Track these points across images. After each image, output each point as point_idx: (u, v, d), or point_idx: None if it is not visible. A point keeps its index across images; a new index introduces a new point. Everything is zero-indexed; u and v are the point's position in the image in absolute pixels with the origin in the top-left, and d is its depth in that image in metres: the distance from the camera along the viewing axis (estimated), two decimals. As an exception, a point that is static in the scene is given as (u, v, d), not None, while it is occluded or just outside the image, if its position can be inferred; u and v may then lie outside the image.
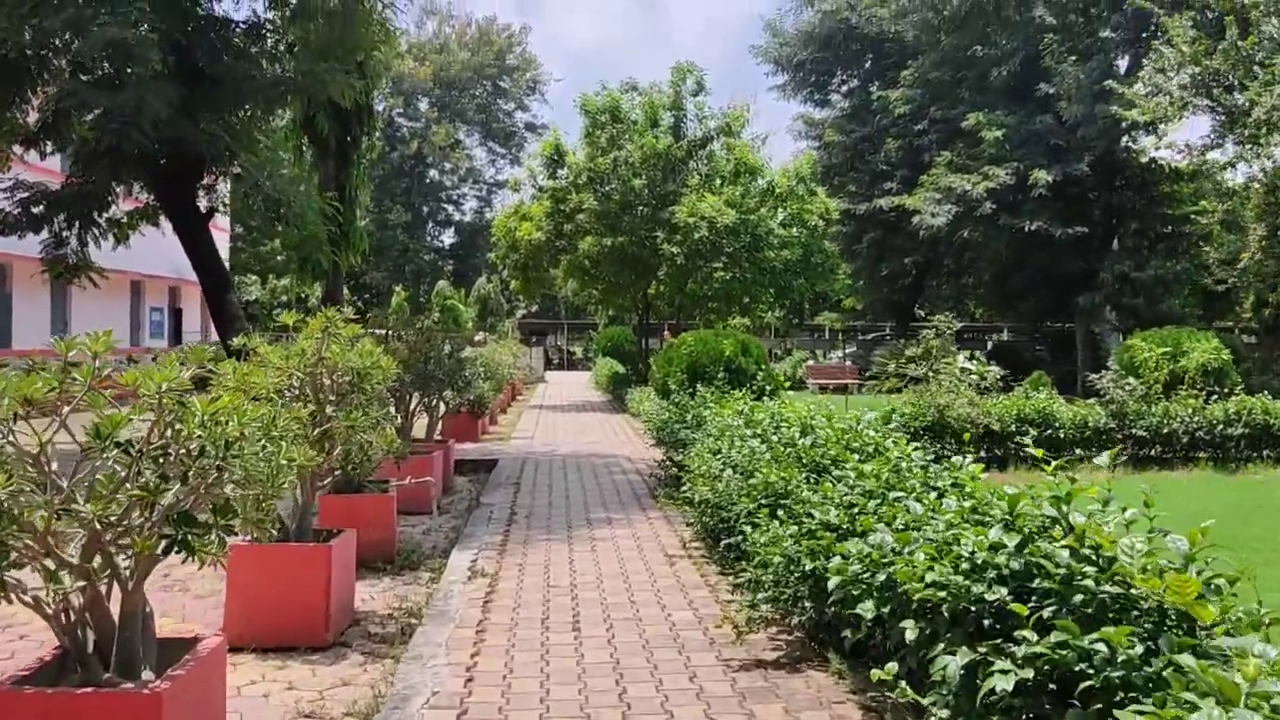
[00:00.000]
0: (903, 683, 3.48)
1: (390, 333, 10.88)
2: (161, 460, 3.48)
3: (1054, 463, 3.86)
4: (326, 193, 18.63)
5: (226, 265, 37.79)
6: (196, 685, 3.75)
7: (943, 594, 3.58)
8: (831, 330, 50.44)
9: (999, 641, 3.20)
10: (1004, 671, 3.02)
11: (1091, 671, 2.87)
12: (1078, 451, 14.90)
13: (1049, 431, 14.79)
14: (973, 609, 3.50)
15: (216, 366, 4.61)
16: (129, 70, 13.25)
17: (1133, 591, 3.18)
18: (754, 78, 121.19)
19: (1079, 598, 3.21)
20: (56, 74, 14.40)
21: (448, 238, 74.58)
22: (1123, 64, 32.42)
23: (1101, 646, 2.88)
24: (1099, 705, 2.84)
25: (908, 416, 14.52)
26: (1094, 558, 3.36)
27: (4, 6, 12.65)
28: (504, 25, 72.02)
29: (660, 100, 26.03)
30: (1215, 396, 15.76)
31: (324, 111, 19.02)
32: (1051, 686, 3.04)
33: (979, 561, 3.62)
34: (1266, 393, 16.11)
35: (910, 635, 3.73)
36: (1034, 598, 3.34)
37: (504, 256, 28.47)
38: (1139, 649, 2.86)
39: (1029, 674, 2.99)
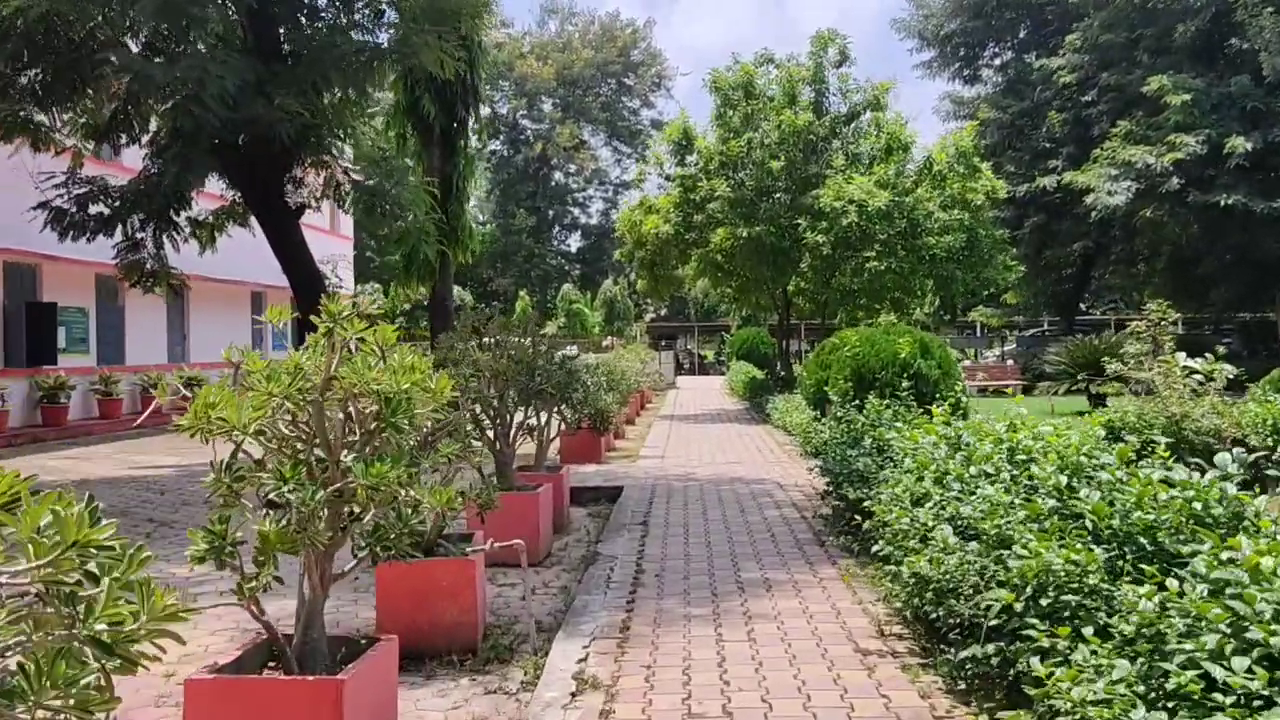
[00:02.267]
0: None
1: (471, 341, 8.63)
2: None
3: None
4: (428, 180, 16.69)
5: (350, 273, 36.78)
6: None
7: None
8: (986, 327, 46.59)
9: None
10: None
11: None
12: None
13: (1316, 446, 11.61)
14: None
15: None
16: (190, 39, 11.44)
17: None
18: (894, 63, 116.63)
19: None
20: (125, 59, 12.74)
21: (574, 241, 73.14)
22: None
23: None
24: None
25: (1130, 427, 11.59)
26: None
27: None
28: (627, 20, 70.14)
29: (799, 73, 23.30)
30: None
31: (428, 93, 17.07)
32: None
33: None
34: None
35: None
36: None
37: (629, 254, 26.16)
38: None
39: None
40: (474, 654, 5.95)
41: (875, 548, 6.42)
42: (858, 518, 7.56)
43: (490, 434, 8.85)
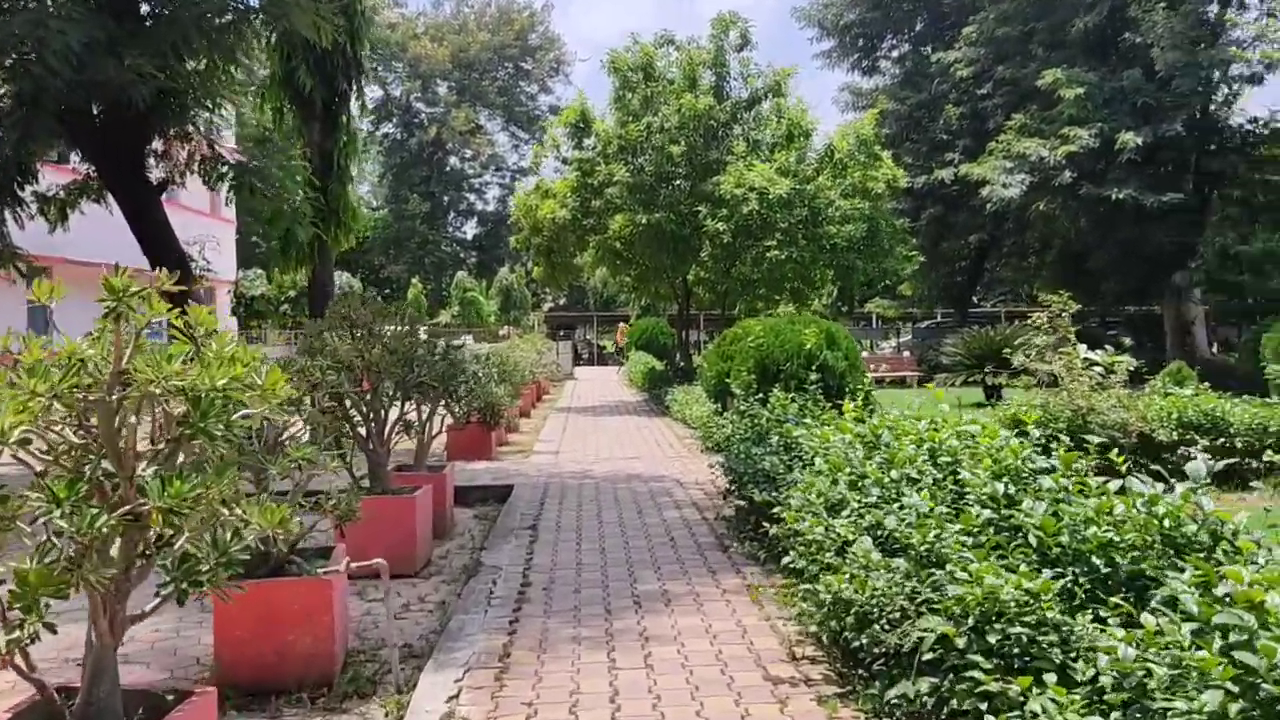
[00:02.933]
0: None
1: (341, 330, 7.72)
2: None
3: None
4: (306, 156, 15.60)
5: (232, 257, 34.97)
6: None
7: None
8: (882, 318, 46.90)
9: None
10: None
11: None
12: (1251, 463, 11.60)
13: (1220, 440, 11.44)
14: None
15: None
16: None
17: None
18: (795, 52, 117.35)
19: None
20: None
21: (470, 228, 71.61)
22: (1213, 9, 28.67)
23: None
24: None
25: (1035, 421, 11.26)
26: None
27: None
28: (524, 3, 68.75)
29: (700, 56, 22.67)
30: None
31: (305, 64, 15.93)
32: None
33: None
34: None
35: None
36: None
37: (525, 240, 25.23)
38: None
39: None
40: (330, 688, 5.14)
41: (786, 559, 5.79)
42: (764, 523, 6.95)
43: (362, 431, 7.99)
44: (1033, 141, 27.59)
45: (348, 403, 7.75)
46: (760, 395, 9.99)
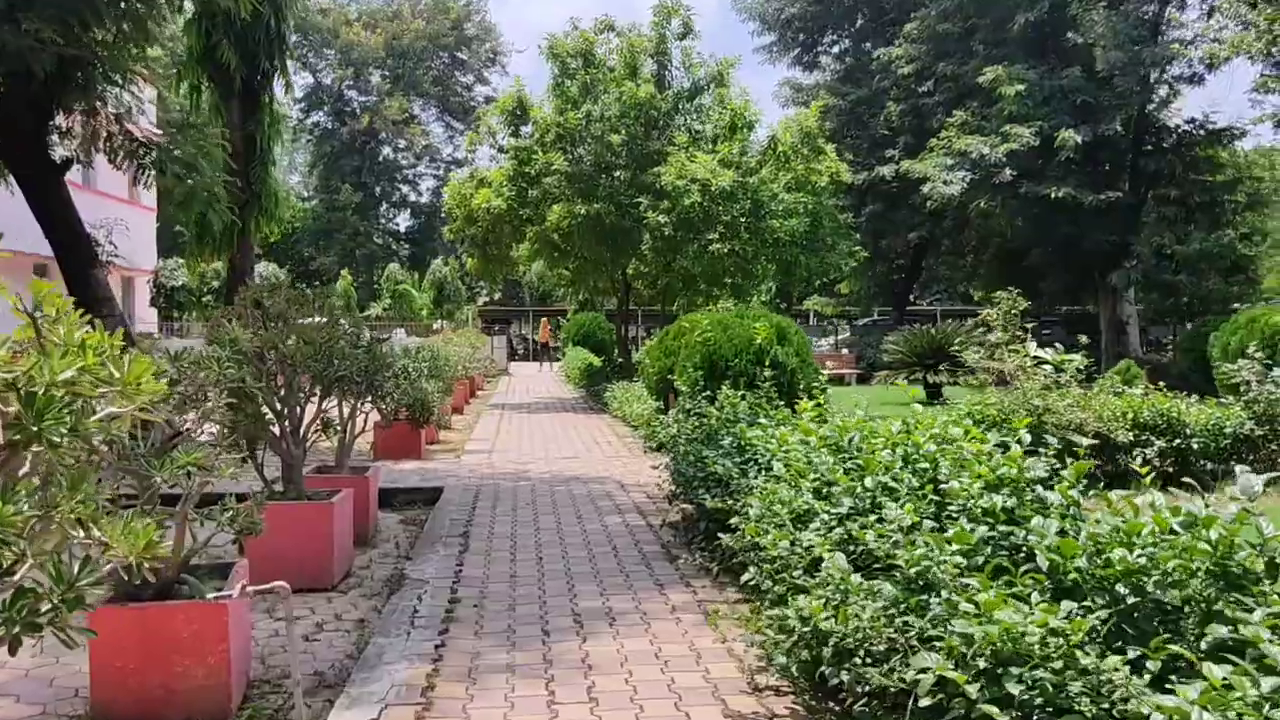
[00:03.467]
0: None
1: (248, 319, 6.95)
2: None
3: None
4: (225, 137, 14.70)
5: (152, 245, 33.47)
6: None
7: None
8: (820, 316, 46.73)
9: None
10: None
11: None
12: (1205, 464, 11.33)
13: (1177, 441, 11.14)
14: None
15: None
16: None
17: None
18: (737, 46, 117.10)
19: None
20: None
21: (403, 220, 70.07)
22: (1153, 8, 28.78)
23: None
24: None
25: (991, 420, 10.84)
26: None
27: None
28: (461, -8, 67.37)
29: (641, 44, 22.02)
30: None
31: (226, 39, 14.99)
32: None
33: None
34: None
35: None
36: None
37: (459, 230, 24.37)
38: None
39: None
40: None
41: (746, 576, 5.20)
42: (718, 532, 6.36)
43: (276, 430, 7.24)
44: (973, 139, 27.43)
45: (259, 399, 7.00)
46: (708, 393, 9.41)
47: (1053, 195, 26.40)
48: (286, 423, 7.26)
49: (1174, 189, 28.17)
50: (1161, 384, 13.53)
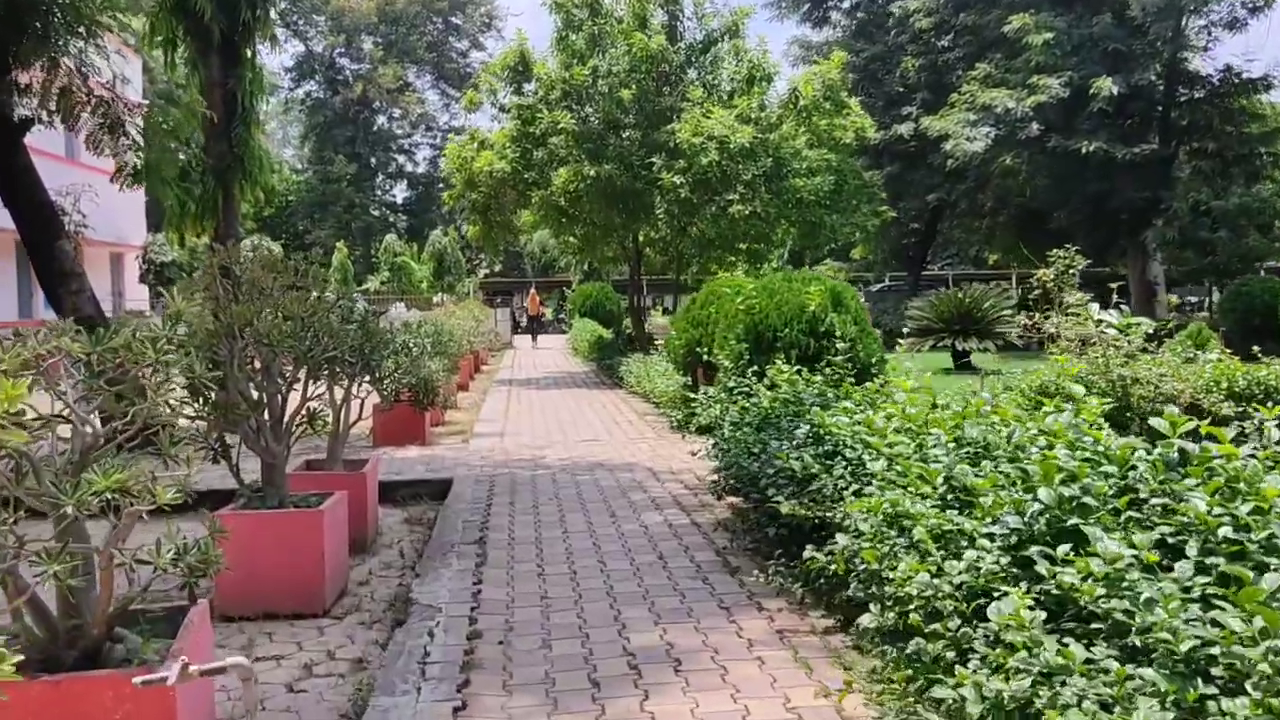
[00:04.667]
0: None
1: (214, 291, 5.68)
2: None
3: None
4: (204, 95, 13.38)
5: (141, 220, 32.08)
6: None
7: None
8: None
9: None
10: None
11: None
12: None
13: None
14: None
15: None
16: None
17: None
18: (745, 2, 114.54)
19: None
20: None
21: (400, 191, 68.49)
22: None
23: None
24: None
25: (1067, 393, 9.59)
26: None
27: None
28: (455, -45, 65.43)
29: (651, -7, 20.57)
30: None
31: (200, -13, 13.58)
32: None
33: None
34: None
35: None
36: None
37: (459, 195, 22.98)
38: None
39: None
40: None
41: (864, 619, 3.96)
42: (794, 541, 5.12)
43: (253, 425, 5.98)
44: (999, 92, 26.04)
45: (229, 387, 5.74)
46: (754, 368, 8.14)
47: (1084, 150, 25.04)
48: (265, 415, 6.01)
49: (1210, 141, 26.75)
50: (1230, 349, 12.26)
